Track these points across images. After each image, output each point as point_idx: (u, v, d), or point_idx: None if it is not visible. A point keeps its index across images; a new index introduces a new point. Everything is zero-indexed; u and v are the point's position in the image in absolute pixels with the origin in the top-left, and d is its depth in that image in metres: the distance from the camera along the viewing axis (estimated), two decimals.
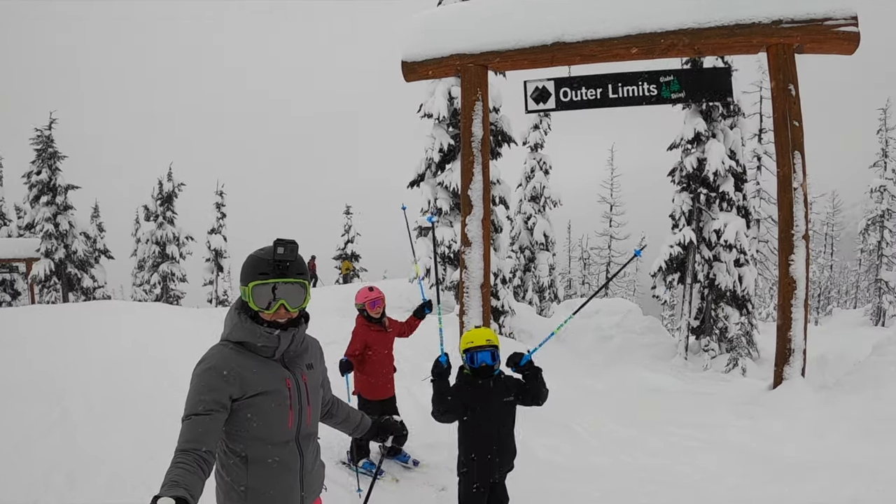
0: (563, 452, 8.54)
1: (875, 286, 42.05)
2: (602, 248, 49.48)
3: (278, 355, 3.15)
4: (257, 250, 3.16)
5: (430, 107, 20.62)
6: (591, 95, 10.90)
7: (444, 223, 20.63)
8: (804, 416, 9.18)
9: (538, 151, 29.87)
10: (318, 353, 3.50)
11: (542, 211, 29.68)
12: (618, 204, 46.97)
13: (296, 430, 3.18)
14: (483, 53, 10.90)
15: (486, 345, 5.18)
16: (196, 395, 2.93)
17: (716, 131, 19.92)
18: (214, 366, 2.99)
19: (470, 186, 11.00)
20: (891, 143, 39.63)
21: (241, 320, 3.11)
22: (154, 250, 38.27)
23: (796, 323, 10.18)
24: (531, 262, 29.96)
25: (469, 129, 11.05)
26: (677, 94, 10.77)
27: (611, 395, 12.31)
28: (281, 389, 3.10)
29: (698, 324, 20.87)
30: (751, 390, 11.69)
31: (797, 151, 10.16)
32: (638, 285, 54.92)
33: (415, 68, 11.28)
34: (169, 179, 38.10)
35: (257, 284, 3.04)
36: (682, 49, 10.41)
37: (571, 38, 10.51)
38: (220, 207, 39.67)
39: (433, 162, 20.96)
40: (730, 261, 19.90)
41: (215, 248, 39.24)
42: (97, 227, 40.95)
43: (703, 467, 7.95)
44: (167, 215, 38.07)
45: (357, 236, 44.00)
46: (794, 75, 10.26)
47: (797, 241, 10.14)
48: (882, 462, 7.45)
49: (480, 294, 10.84)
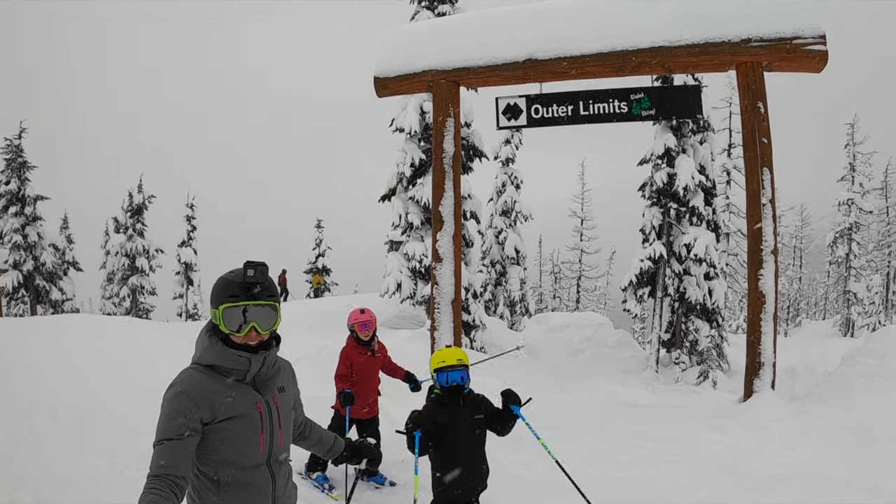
0: (535, 468, 8.54)
1: (843, 298, 42.55)
2: (573, 262, 49.65)
3: (249, 378, 3.12)
4: (227, 272, 3.14)
5: (402, 121, 20.63)
6: (563, 112, 10.98)
7: (415, 238, 20.63)
8: (775, 428, 9.27)
9: (509, 166, 29.92)
10: (291, 375, 3.48)
11: (513, 225, 29.70)
12: (588, 218, 47.14)
13: (267, 453, 3.17)
14: (455, 70, 10.96)
15: (458, 364, 5.24)
16: (167, 419, 2.91)
17: (686, 147, 20.13)
18: (185, 390, 2.97)
19: (441, 202, 11.04)
20: (858, 158, 40.16)
21: (211, 343, 3.09)
22: (123, 263, 37.90)
23: (766, 336, 10.29)
24: (502, 276, 29.96)
25: (440, 146, 11.09)
26: (648, 112, 10.87)
27: (582, 408, 12.33)
28: (252, 413, 3.09)
29: (669, 337, 21.02)
30: (721, 403, 11.79)
31: (766, 168, 10.29)
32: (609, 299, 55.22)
33: (387, 84, 11.32)
34: (139, 191, 37.80)
35: (228, 307, 3.02)
36: (653, 67, 10.53)
37: (543, 55, 10.59)
38: (190, 220, 39.42)
39: (404, 176, 20.97)
40: (700, 274, 20.07)
41: (185, 262, 38.97)
42: (66, 238, 40.51)
43: (675, 480, 7.99)
44: (137, 227, 37.74)
45: (328, 250, 43.85)
46: (762, 93, 10.39)
47: (766, 255, 10.26)
48: (852, 472, 7.56)
49: (451, 310, 10.87)
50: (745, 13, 10.34)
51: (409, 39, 11.52)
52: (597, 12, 10.75)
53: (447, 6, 20.45)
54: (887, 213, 45.66)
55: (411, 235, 20.80)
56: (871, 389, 9.95)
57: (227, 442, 3.03)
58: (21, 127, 31.25)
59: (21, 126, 31.26)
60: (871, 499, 6.61)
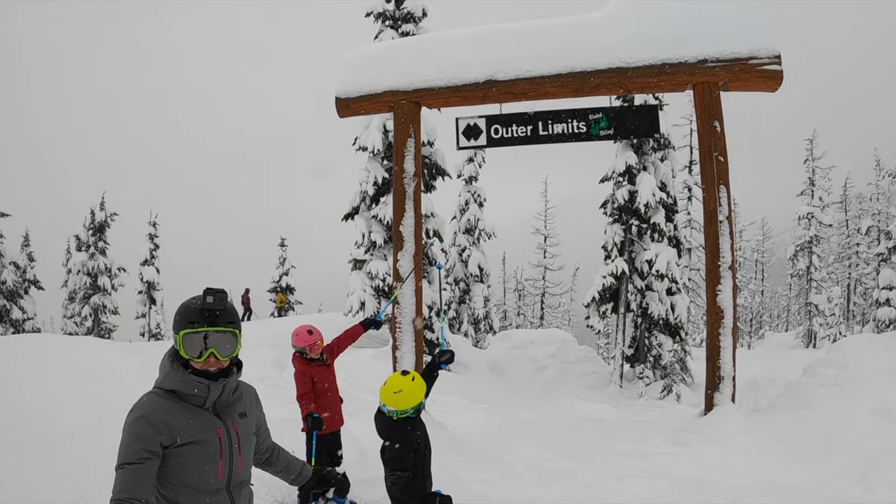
0: (499, 486, 8.56)
1: (805, 309, 43.09)
2: (536, 279, 49.79)
3: (209, 405, 3.14)
4: (189, 299, 3.14)
5: (365, 140, 20.73)
6: (522, 132, 11.08)
7: (378, 256, 20.71)
8: (735, 440, 9.39)
9: (472, 184, 30.08)
10: (254, 400, 3.48)
11: (477, 243, 29.82)
12: (552, 235, 47.33)
13: (227, 478, 3.17)
14: (416, 90, 11.02)
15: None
16: (128, 444, 2.93)
17: (647, 164, 20.40)
18: (144, 414, 2.98)
19: (402, 222, 11.09)
20: (818, 173, 40.78)
21: (173, 368, 3.09)
22: (85, 281, 37.49)
23: (724, 351, 10.41)
24: (466, 294, 30.03)
25: (401, 166, 11.15)
26: (606, 132, 10.99)
27: (545, 425, 12.42)
28: (211, 439, 3.10)
29: (632, 352, 21.23)
30: (683, 417, 11.92)
31: (722, 185, 10.44)
32: (573, 315, 55.50)
33: (348, 104, 11.36)
34: (101, 208, 37.45)
35: (188, 333, 3.02)
36: (611, 87, 10.66)
37: (503, 76, 10.69)
38: (153, 238, 39.18)
39: (367, 195, 21.06)
40: (662, 290, 20.30)
41: (148, 280, 38.68)
42: (27, 256, 40.05)
43: (638, 495, 8.04)
44: (99, 245, 37.37)
45: (292, 268, 43.73)
46: (719, 112, 10.55)
47: (724, 271, 10.40)
48: (813, 482, 7.71)
49: (413, 329, 10.90)
50: (701, 34, 10.49)
51: (370, 60, 11.57)
52: (555, 33, 10.87)
53: (411, 25, 20.64)
54: (847, 225, 46.49)
55: (374, 254, 20.87)
56: (831, 399, 10.12)
57: (186, 466, 3.03)
58: None
59: None
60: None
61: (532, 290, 51.64)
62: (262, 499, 7.66)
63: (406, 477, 5.06)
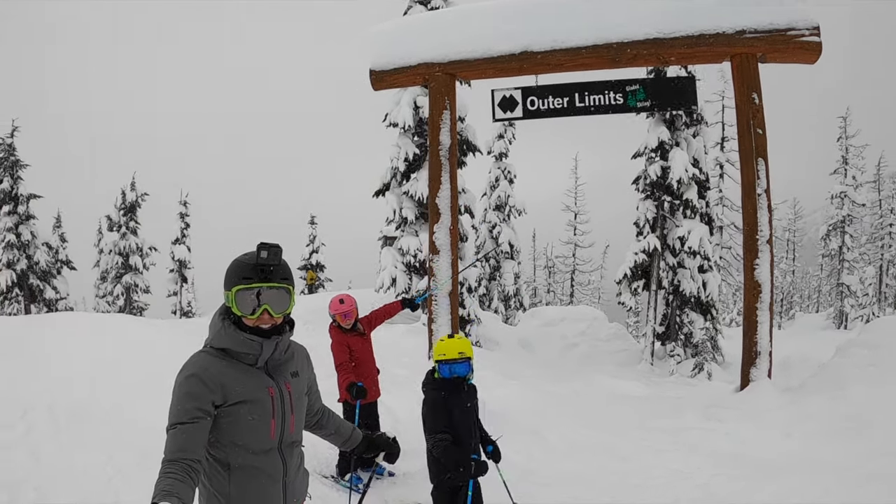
0: (534, 458, 8.57)
1: (837, 290, 42.61)
2: (567, 256, 49.62)
3: (261, 363, 3.06)
4: (241, 255, 3.05)
5: (396, 116, 20.62)
6: (558, 104, 11.00)
7: (409, 233, 20.62)
8: (771, 416, 9.34)
9: (503, 161, 29.93)
10: (306, 360, 3.41)
11: (507, 220, 29.72)
12: (582, 212, 47.11)
13: (279, 438, 3.09)
14: (451, 63, 10.97)
15: (459, 358, 5.20)
16: (179, 403, 2.86)
17: (679, 140, 20.18)
18: (196, 373, 2.91)
19: (438, 195, 11.06)
20: (851, 151, 40.24)
21: (224, 326, 3.03)
22: (117, 261, 37.78)
23: (762, 326, 10.33)
24: (496, 270, 29.98)
25: (437, 138, 11.10)
26: (643, 103, 10.89)
27: (579, 401, 12.36)
28: (263, 399, 3.02)
29: (664, 330, 21.08)
30: (718, 393, 11.82)
31: (760, 158, 10.32)
32: (603, 293, 55.15)
33: (382, 77, 11.33)
34: (132, 189, 37.68)
35: (240, 289, 2.94)
36: (648, 58, 10.56)
37: (539, 47, 10.60)
38: (183, 217, 39.34)
39: (398, 171, 20.96)
40: (694, 267, 20.12)
41: (179, 259, 38.88)
42: (59, 237, 40.35)
43: (674, 469, 8.02)
44: (130, 225, 37.63)
45: (322, 246, 43.78)
46: (757, 84, 10.42)
47: (761, 245, 10.30)
48: (849, 459, 7.60)
49: (449, 302, 10.88)
50: (739, 5, 10.36)
51: (404, 33, 11.52)
52: (591, 4, 10.77)
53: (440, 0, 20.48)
54: (880, 205, 45.64)
55: (405, 230, 20.80)
56: (865, 379, 10.00)
57: (238, 426, 2.98)
58: (13, 126, 31.11)
59: (13, 125, 31.12)
60: (868, 484, 6.63)
61: (562, 268, 51.46)
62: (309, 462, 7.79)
63: (444, 440, 5.09)
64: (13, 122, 31.12)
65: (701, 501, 6.80)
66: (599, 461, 8.53)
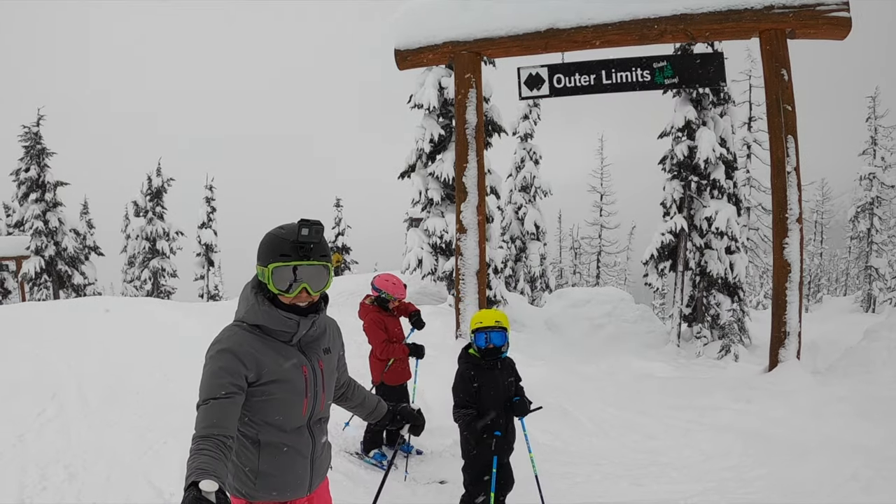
0: (562, 437, 8.59)
1: (865, 273, 42.14)
2: (593, 237, 49.50)
3: (296, 340, 3.04)
4: (278, 228, 2.97)
5: (421, 97, 20.57)
6: (585, 81, 10.92)
7: (435, 214, 20.60)
8: (800, 397, 9.26)
9: (528, 141, 29.80)
10: (336, 333, 3.40)
11: (533, 201, 29.61)
12: (608, 193, 46.95)
13: (309, 416, 3.11)
14: (476, 41, 10.91)
15: (496, 326, 5.20)
16: (212, 378, 2.80)
17: (706, 119, 20.01)
18: (230, 347, 2.87)
19: (465, 173, 11.03)
20: (880, 132, 39.75)
21: (258, 302, 2.97)
22: (144, 246, 38.09)
23: (791, 306, 10.25)
24: (522, 252, 29.90)
25: (463, 117, 11.06)
26: (671, 80, 10.80)
27: (606, 380, 12.36)
28: (296, 378, 3.02)
29: (690, 311, 20.97)
30: (746, 374, 11.79)
31: (790, 135, 10.21)
32: (629, 274, 54.97)
33: (407, 56, 11.29)
34: (158, 174, 37.95)
35: (278, 266, 2.88)
36: (675, 34, 10.45)
37: (565, 24, 10.53)
38: (209, 202, 39.54)
39: (424, 152, 20.93)
40: (721, 248, 19.98)
41: (206, 243, 39.10)
42: (87, 223, 40.79)
43: (703, 449, 8.01)
44: (157, 210, 37.91)
45: (348, 228, 43.91)
46: (786, 60, 10.31)
47: (791, 224, 10.21)
48: (879, 441, 7.52)
49: (476, 280, 10.87)
50: None
51: (428, 12, 11.45)
52: None
53: None
54: None
55: (431, 211, 20.79)
56: (894, 363, 9.92)
57: (271, 404, 2.97)
58: (38, 114, 31.37)
59: (38, 113, 31.37)
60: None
61: (588, 249, 51.35)
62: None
63: (467, 414, 5.14)
64: (38, 110, 31.36)
65: (730, 481, 6.77)
66: (628, 440, 8.56)
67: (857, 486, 6.12)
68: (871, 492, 5.95)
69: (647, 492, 6.63)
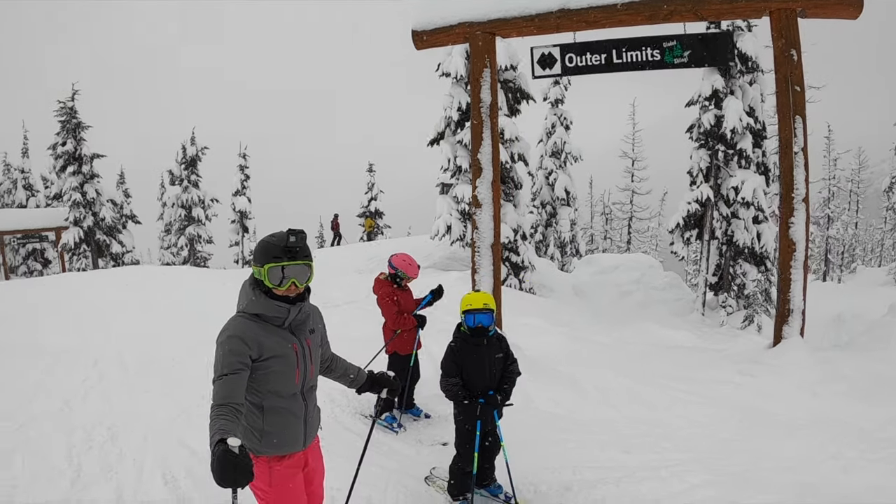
0: (566, 405, 8.84)
1: None
2: (624, 202, 49.39)
3: (287, 324, 3.83)
4: (269, 236, 3.80)
5: (448, 66, 20.78)
6: (596, 61, 11.02)
7: (464, 181, 20.87)
8: (800, 374, 9.44)
9: (558, 107, 29.85)
10: (319, 317, 4.20)
11: (564, 166, 29.71)
12: (639, 159, 46.73)
13: (301, 384, 3.91)
14: (490, 21, 11.03)
15: (483, 308, 5.81)
16: (224, 358, 3.57)
17: (734, 88, 19.98)
18: (236, 333, 3.65)
19: (480, 150, 11.23)
20: None
21: (255, 295, 3.78)
22: (180, 214, 38.82)
23: (795, 284, 10.37)
24: (553, 217, 30.04)
25: (478, 96, 11.26)
26: (680, 59, 10.85)
27: (621, 350, 12.54)
28: (289, 353, 3.81)
29: (716, 280, 21.07)
30: (753, 348, 11.90)
31: (798, 116, 10.27)
32: (660, 240, 54.60)
33: (424, 37, 11.44)
34: (192, 143, 38.51)
35: (271, 266, 3.70)
36: (685, 14, 10.45)
37: (575, 5, 10.62)
38: (243, 169, 40.08)
39: (452, 120, 21.19)
40: (748, 218, 20.02)
41: (240, 210, 39.69)
42: (123, 193, 41.56)
43: (699, 420, 8.26)
44: (192, 179, 38.54)
45: (380, 193, 44.23)
46: (796, 40, 10.31)
47: (797, 204, 10.31)
48: (871, 422, 7.72)
49: (491, 253, 11.12)
50: None
51: None
52: None
53: None
54: None
55: (460, 178, 21.07)
56: None
57: (271, 376, 3.76)
58: (73, 89, 31.85)
59: (73, 88, 31.85)
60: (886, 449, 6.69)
61: (619, 215, 51.26)
62: (344, 409, 8.56)
63: (452, 383, 5.76)
64: (73, 85, 31.85)
65: (716, 453, 6.98)
66: (630, 410, 8.78)
67: (836, 465, 6.28)
68: (849, 471, 6.10)
69: (630, 459, 6.87)
